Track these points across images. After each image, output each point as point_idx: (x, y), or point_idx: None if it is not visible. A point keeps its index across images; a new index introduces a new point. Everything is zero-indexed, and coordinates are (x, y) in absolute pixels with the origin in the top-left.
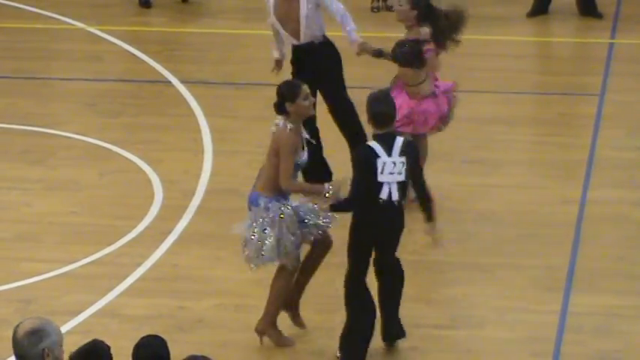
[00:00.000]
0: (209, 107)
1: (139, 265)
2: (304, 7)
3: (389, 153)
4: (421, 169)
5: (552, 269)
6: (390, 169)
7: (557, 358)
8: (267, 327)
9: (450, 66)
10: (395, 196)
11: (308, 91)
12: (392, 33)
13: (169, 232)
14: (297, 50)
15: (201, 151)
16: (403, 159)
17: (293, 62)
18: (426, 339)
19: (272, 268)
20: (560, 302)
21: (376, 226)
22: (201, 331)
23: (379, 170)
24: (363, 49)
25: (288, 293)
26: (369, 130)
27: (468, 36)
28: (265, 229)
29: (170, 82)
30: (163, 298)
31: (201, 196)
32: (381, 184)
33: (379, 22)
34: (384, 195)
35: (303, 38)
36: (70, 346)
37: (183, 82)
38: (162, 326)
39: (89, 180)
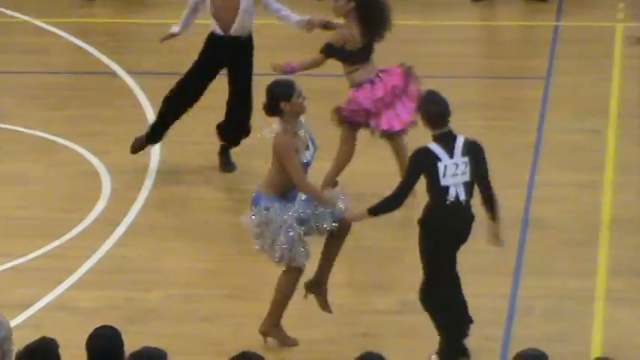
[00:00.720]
0: (156, 98)
1: (88, 257)
2: (244, 2)
3: (450, 154)
4: (486, 169)
5: (502, 253)
6: (453, 170)
7: (508, 341)
8: (270, 328)
9: (395, 52)
10: (462, 196)
11: (301, 88)
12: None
13: (118, 223)
14: (219, 40)
15: None
16: (466, 159)
17: (208, 49)
18: (376, 325)
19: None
20: (509, 286)
21: (446, 229)
22: (152, 321)
23: (441, 174)
24: (312, 25)
25: (292, 294)
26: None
27: (413, 22)
28: (264, 229)
29: (116, 73)
30: (113, 290)
31: (150, 187)
32: (446, 188)
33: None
34: (451, 197)
35: (233, 32)
36: (20, 340)
37: (129, 73)
38: (113, 318)
39: (36, 173)
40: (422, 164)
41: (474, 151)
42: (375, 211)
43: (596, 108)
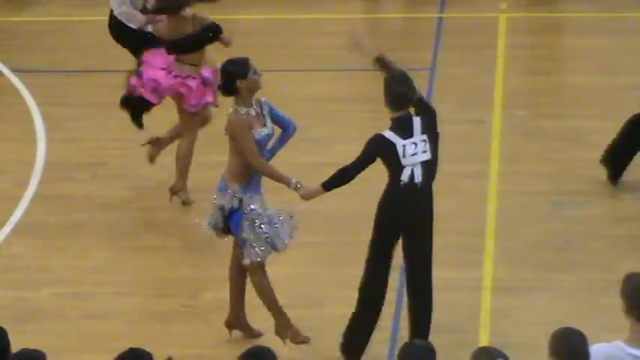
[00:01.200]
0: (41, 96)
1: None
2: None
3: (408, 135)
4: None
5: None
6: (412, 150)
7: (396, 332)
8: (286, 329)
9: (283, 46)
10: (418, 178)
11: (255, 65)
12: None
13: (4, 222)
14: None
15: (35, 140)
16: (425, 136)
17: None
18: (264, 318)
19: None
20: (397, 278)
21: (397, 208)
22: (41, 320)
23: (401, 154)
24: None
25: (269, 285)
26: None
27: (299, 15)
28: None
29: (1, 71)
30: (1, 290)
31: (36, 185)
32: (401, 168)
33: None
34: (405, 178)
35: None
36: None
37: (14, 71)
38: (1, 317)
39: None
40: (377, 148)
41: (428, 125)
42: (328, 185)
43: (480, 98)
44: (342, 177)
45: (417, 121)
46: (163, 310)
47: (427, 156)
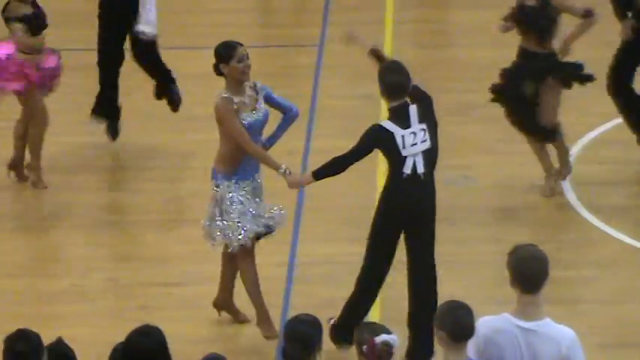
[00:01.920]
0: None
1: None
2: None
3: (406, 125)
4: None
5: None
6: (412, 140)
7: (287, 309)
8: (260, 322)
9: (168, 23)
10: (420, 169)
11: (245, 52)
12: None
13: None
14: None
15: None
16: (424, 125)
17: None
18: (155, 297)
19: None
20: (287, 254)
21: (401, 201)
22: None
23: (400, 145)
24: None
25: (254, 275)
26: None
27: None
28: (222, 205)
29: None
30: None
31: None
32: (404, 159)
33: None
34: (407, 169)
35: None
36: None
37: None
38: None
39: None
40: (374, 139)
41: (425, 113)
42: (319, 174)
43: (369, 73)
44: (335, 167)
45: (413, 110)
46: (52, 290)
47: (427, 145)
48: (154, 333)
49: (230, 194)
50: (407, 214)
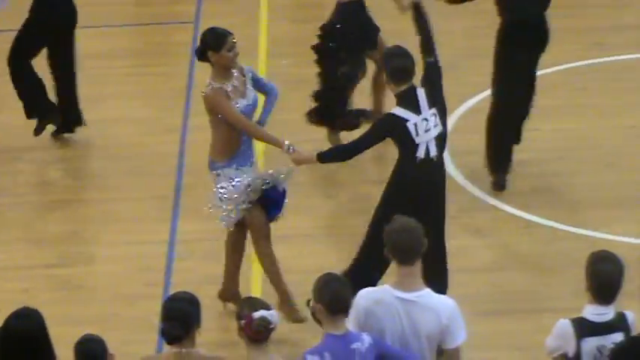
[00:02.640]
0: None
1: None
2: None
3: (417, 111)
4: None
5: (159, 199)
6: (425, 127)
7: (169, 286)
8: (282, 306)
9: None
10: (433, 152)
11: (234, 41)
12: None
13: None
14: None
15: None
16: (434, 110)
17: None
18: (36, 279)
19: None
20: (168, 231)
21: (415, 184)
22: None
23: (414, 133)
24: None
25: (274, 256)
26: None
27: None
28: (222, 193)
29: None
30: None
31: None
32: (417, 145)
33: None
34: (421, 154)
35: None
36: None
37: None
38: None
39: None
40: (387, 129)
41: (434, 95)
42: (324, 158)
43: (246, 48)
44: (342, 154)
45: (422, 94)
46: None
47: (439, 129)
48: (32, 315)
49: (233, 180)
50: (420, 198)
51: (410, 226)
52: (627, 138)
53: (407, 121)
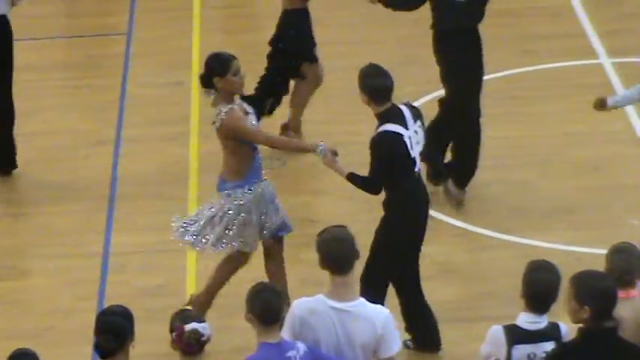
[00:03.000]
0: None
1: None
2: None
3: (405, 126)
4: None
5: (93, 212)
6: (416, 139)
7: (103, 299)
8: (201, 307)
9: None
10: (418, 166)
11: (239, 65)
12: None
13: None
14: None
15: None
16: (419, 122)
17: None
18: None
19: None
20: (102, 244)
21: (418, 200)
22: None
23: (409, 146)
24: None
25: (227, 278)
26: None
27: None
28: (227, 214)
29: None
30: None
31: None
32: (414, 160)
33: None
34: (417, 167)
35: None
36: None
37: None
38: None
39: None
40: (389, 145)
41: (416, 111)
42: (353, 181)
43: (178, 60)
44: (368, 187)
45: (405, 109)
46: None
47: (423, 141)
48: None
49: (238, 202)
50: (423, 214)
51: (342, 236)
52: (559, 146)
53: (402, 135)
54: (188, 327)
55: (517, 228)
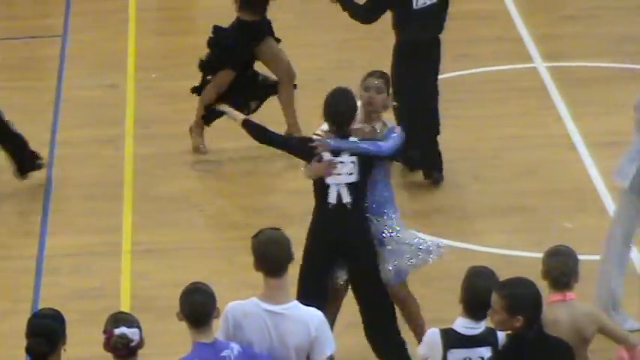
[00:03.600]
0: None
1: None
2: None
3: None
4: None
5: (27, 214)
6: (339, 169)
7: (37, 302)
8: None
9: None
10: (346, 199)
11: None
12: None
13: None
14: None
15: None
16: (354, 159)
17: None
18: None
19: None
20: (36, 247)
21: (327, 232)
22: None
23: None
24: None
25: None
26: None
27: None
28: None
29: None
30: None
31: None
32: (327, 187)
33: None
34: (332, 199)
35: None
36: None
37: None
38: None
39: None
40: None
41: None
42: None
43: (113, 62)
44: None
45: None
46: None
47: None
48: None
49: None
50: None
51: (277, 238)
52: (494, 149)
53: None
54: (117, 331)
55: (452, 231)
